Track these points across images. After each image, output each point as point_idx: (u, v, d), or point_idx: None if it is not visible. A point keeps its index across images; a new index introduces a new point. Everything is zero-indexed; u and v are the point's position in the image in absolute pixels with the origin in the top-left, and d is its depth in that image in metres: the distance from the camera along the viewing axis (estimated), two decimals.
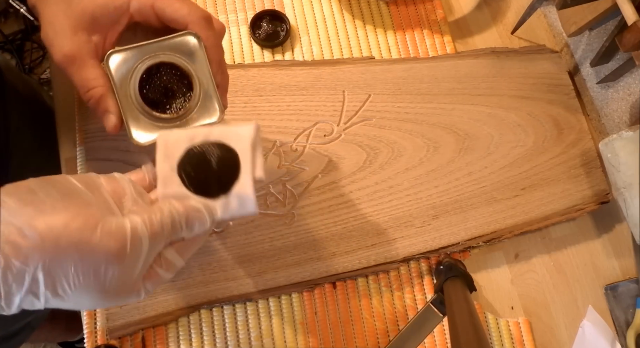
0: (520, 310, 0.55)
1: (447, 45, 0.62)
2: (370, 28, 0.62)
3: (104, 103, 0.37)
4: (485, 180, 0.56)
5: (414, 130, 0.57)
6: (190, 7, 0.37)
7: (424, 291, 0.54)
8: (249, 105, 0.55)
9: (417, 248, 0.53)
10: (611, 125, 0.59)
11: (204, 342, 0.50)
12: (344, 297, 0.53)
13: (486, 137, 0.58)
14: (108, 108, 0.37)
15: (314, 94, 0.57)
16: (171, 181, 0.31)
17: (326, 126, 0.56)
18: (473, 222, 0.55)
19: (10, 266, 0.25)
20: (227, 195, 0.32)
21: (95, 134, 0.52)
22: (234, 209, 0.31)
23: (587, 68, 0.61)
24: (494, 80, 0.60)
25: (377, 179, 0.55)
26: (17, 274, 0.26)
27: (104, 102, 0.37)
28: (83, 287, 0.27)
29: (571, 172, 0.58)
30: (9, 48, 1.29)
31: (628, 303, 0.56)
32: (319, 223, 0.53)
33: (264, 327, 0.51)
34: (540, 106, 0.60)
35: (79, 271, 0.27)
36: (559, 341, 0.54)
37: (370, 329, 0.52)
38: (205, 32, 0.38)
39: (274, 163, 0.54)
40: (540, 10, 0.66)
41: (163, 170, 0.31)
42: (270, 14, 0.60)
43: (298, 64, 0.58)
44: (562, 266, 0.57)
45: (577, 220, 0.58)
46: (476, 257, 0.56)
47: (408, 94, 0.58)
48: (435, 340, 0.52)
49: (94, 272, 0.27)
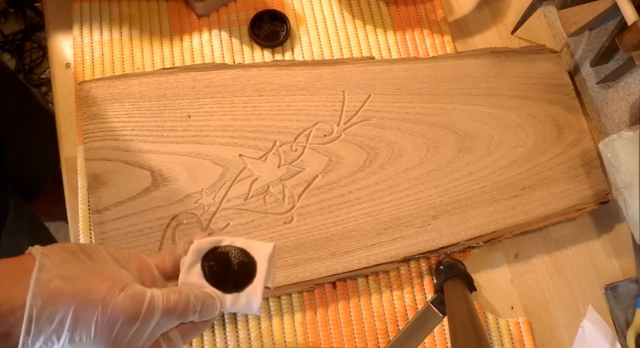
0: (520, 310, 0.55)
1: (447, 45, 0.62)
2: (370, 28, 0.62)
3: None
4: (485, 180, 0.56)
5: (414, 130, 0.57)
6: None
7: (424, 291, 0.54)
8: (249, 105, 0.55)
9: (417, 248, 0.53)
10: (611, 125, 0.59)
11: (204, 342, 0.50)
12: (344, 297, 0.53)
13: (486, 137, 0.58)
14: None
15: (314, 94, 0.56)
16: (193, 270, 0.36)
17: (326, 126, 0.56)
18: (473, 222, 0.55)
19: (46, 306, 0.29)
20: (238, 292, 0.36)
21: (95, 134, 0.52)
22: (242, 305, 0.36)
23: (587, 68, 0.61)
24: (494, 80, 0.60)
25: (377, 179, 0.55)
26: (50, 315, 0.30)
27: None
28: (98, 339, 0.31)
29: (571, 172, 0.58)
30: (9, 48, 1.29)
31: (628, 303, 0.55)
32: (319, 223, 0.53)
33: (264, 327, 0.51)
34: (540, 106, 0.60)
35: (99, 323, 0.31)
36: (559, 341, 0.54)
37: (370, 329, 0.52)
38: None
39: (274, 163, 0.54)
40: (540, 10, 0.66)
41: (189, 260, 0.36)
42: (270, 14, 0.60)
43: (298, 64, 0.58)
44: (562, 266, 0.57)
45: (577, 220, 0.58)
46: (476, 257, 0.56)
47: (408, 94, 0.58)
48: (435, 340, 0.52)
49: (109, 327, 0.31)
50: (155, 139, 0.53)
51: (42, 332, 0.30)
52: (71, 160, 0.54)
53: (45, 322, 0.30)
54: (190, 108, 0.54)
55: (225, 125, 0.54)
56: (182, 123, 0.54)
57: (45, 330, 0.30)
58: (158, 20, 0.59)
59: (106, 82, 0.54)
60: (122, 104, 0.53)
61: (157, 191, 0.51)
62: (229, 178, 0.53)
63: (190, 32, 0.59)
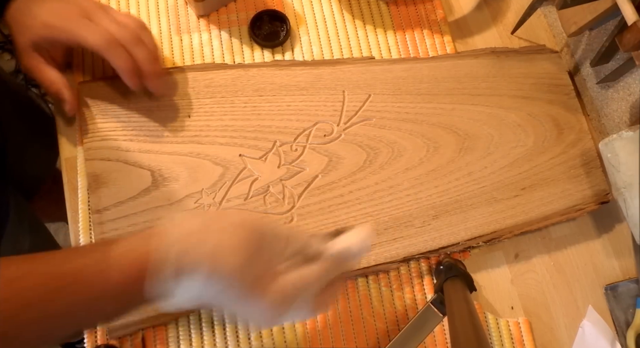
0: (520, 310, 0.55)
1: (447, 45, 0.62)
2: (370, 28, 0.62)
3: (60, 95, 0.51)
4: (485, 180, 0.56)
5: (414, 130, 0.57)
6: (96, 36, 0.48)
7: (424, 291, 0.54)
8: (249, 105, 0.55)
9: (417, 248, 0.53)
10: (611, 125, 0.59)
11: (204, 342, 0.50)
12: (344, 297, 0.53)
13: (486, 137, 0.58)
14: (64, 98, 0.51)
15: (314, 94, 0.56)
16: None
17: (326, 126, 0.56)
18: (473, 222, 0.55)
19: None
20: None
21: (95, 134, 0.52)
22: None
23: (587, 68, 0.61)
24: (494, 80, 0.60)
25: (377, 179, 0.55)
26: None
27: (60, 94, 0.51)
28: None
29: (571, 172, 0.58)
30: (9, 48, 1.29)
31: (628, 303, 0.55)
32: (319, 223, 0.53)
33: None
34: (540, 106, 0.60)
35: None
36: (559, 341, 0.54)
37: (370, 329, 0.52)
38: (111, 56, 0.48)
39: (274, 163, 0.54)
40: (540, 10, 0.66)
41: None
42: (270, 14, 0.60)
43: (298, 64, 0.58)
44: (562, 266, 0.57)
45: (577, 220, 0.58)
46: (476, 257, 0.56)
47: (408, 94, 0.58)
48: (435, 340, 0.52)
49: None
50: (155, 139, 0.53)
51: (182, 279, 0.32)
52: (71, 160, 0.54)
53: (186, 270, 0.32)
54: (190, 108, 0.54)
55: (225, 125, 0.54)
56: (182, 123, 0.54)
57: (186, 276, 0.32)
58: (158, 20, 0.59)
59: (106, 82, 0.54)
60: (122, 104, 0.53)
61: (157, 191, 0.51)
62: (229, 178, 0.53)
63: (190, 32, 0.59)
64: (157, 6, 0.60)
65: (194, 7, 0.59)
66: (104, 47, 0.48)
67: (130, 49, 0.49)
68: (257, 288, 0.34)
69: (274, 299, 0.34)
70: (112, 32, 0.49)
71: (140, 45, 0.49)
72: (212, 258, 0.32)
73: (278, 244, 0.36)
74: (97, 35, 0.48)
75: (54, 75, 0.51)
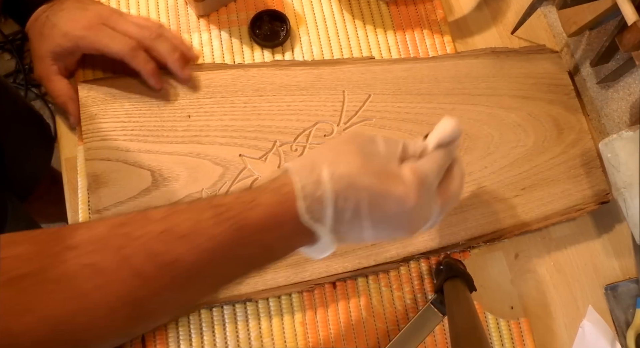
0: (520, 310, 0.55)
1: (447, 45, 0.62)
2: (370, 28, 0.62)
3: (66, 107, 0.53)
4: (485, 180, 0.56)
5: (414, 130, 0.57)
6: (119, 44, 0.50)
7: (424, 291, 0.54)
8: (249, 105, 0.55)
9: (417, 248, 0.53)
10: (611, 125, 0.59)
11: (204, 342, 0.50)
12: (344, 297, 0.53)
13: (486, 137, 0.58)
14: (69, 111, 0.53)
15: (314, 94, 0.56)
16: None
17: (326, 126, 0.56)
18: (473, 222, 0.55)
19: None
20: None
21: (95, 134, 0.52)
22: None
23: (587, 68, 0.61)
24: (494, 80, 0.60)
25: None
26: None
27: (66, 106, 0.53)
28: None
29: (571, 172, 0.58)
30: (9, 48, 1.29)
31: (628, 303, 0.56)
32: None
33: (264, 327, 0.51)
34: (540, 106, 0.60)
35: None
36: (559, 341, 0.54)
37: (370, 329, 0.52)
38: (135, 61, 0.50)
39: (274, 163, 0.54)
40: (540, 10, 0.66)
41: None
42: (270, 14, 0.60)
43: (298, 64, 0.58)
44: (562, 266, 0.57)
45: (577, 220, 0.58)
46: (476, 257, 0.56)
47: (408, 94, 0.58)
48: (435, 340, 0.52)
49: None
50: (155, 139, 0.53)
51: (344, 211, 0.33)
52: (71, 160, 0.54)
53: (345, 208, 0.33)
54: (190, 108, 0.54)
55: (225, 125, 0.54)
56: (182, 123, 0.54)
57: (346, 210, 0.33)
58: (158, 20, 0.59)
59: (106, 82, 0.54)
60: (122, 104, 0.53)
61: (157, 191, 0.51)
62: (229, 178, 0.53)
63: (190, 32, 0.59)
64: (157, 6, 0.60)
65: (194, 7, 0.59)
66: (128, 54, 0.50)
67: (152, 45, 0.51)
68: (389, 178, 0.35)
69: (410, 182, 0.35)
70: (132, 35, 0.50)
71: (160, 38, 0.52)
72: (335, 168, 0.34)
73: (390, 145, 0.37)
74: (120, 43, 0.49)
75: (63, 86, 0.52)
